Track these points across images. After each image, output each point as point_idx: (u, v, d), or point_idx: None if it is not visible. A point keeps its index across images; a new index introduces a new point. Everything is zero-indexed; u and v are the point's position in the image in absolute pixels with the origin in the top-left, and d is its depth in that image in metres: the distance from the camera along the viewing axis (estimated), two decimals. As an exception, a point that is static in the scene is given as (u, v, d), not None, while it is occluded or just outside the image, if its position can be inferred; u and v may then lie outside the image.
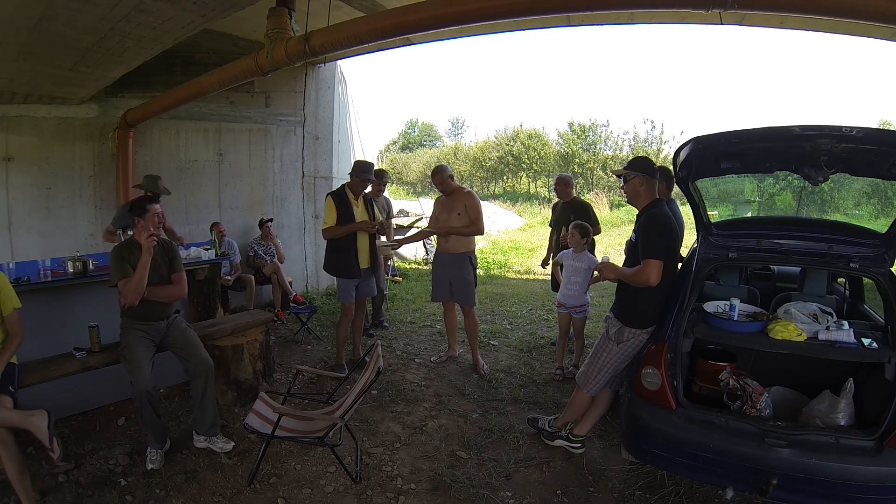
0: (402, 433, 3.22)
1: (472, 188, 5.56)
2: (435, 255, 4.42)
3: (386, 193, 5.69)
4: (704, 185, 3.09)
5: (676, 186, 2.96)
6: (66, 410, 3.19)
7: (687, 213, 3.75)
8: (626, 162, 2.99)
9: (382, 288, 5.39)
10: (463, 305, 4.27)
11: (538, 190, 21.45)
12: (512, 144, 21.80)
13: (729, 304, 2.58)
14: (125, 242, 2.97)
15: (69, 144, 5.38)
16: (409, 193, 21.91)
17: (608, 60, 76.45)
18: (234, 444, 2.95)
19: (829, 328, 2.38)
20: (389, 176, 5.37)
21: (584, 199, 5.05)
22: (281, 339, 5.02)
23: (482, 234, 4.45)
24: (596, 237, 4.85)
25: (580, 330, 4.16)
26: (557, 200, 5.03)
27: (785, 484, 2.07)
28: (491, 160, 22.06)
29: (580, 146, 20.00)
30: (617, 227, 13.30)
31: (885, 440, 2.03)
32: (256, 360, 3.65)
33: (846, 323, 2.39)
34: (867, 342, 2.29)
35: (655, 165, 2.79)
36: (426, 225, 10.14)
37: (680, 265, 2.92)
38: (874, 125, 9.35)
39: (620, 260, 2.95)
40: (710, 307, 2.68)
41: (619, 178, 2.80)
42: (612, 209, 15.91)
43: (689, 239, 3.94)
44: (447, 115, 72.51)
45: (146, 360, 2.76)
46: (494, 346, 4.90)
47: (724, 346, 2.79)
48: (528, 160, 21.09)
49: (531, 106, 64.99)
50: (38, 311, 3.18)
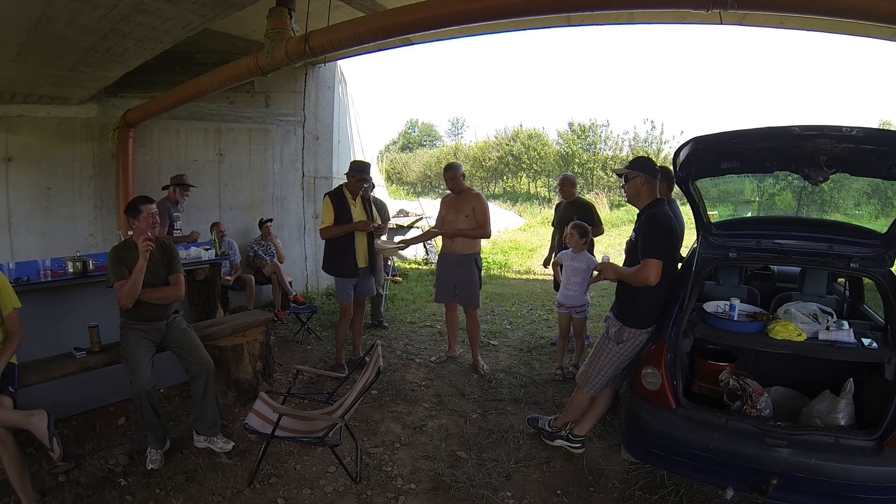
0: (402, 433, 3.23)
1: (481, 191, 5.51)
2: (440, 255, 4.37)
3: (385, 195, 5.68)
4: (704, 185, 3.09)
5: (676, 186, 2.96)
6: (66, 410, 3.19)
7: (687, 213, 3.75)
8: (626, 162, 2.99)
9: (381, 288, 5.38)
10: (467, 307, 4.25)
11: (538, 190, 21.45)
12: (512, 144, 21.80)
13: (729, 304, 2.58)
14: (123, 243, 2.96)
15: (69, 144, 5.38)
16: (409, 193, 21.91)
17: (608, 60, 76.59)
18: (234, 444, 2.95)
19: (829, 328, 2.38)
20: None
21: (586, 199, 5.03)
22: (281, 339, 5.02)
23: (489, 237, 4.42)
24: (596, 237, 4.85)
25: (580, 330, 4.16)
26: (561, 200, 5.03)
27: (785, 484, 2.07)
28: (491, 160, 22.05)
29: (580, 146, 19.99)
30: (617, 227, 13.29)
31: (885, 440, 2.03)
32: (256, 360, 3.65)
33: (846, 323, 2.39)
34: (867, 342, 2.29)
35: (656, 165, 2.80)
36: (426, 225, 10.23)
37: (680, 265, 2.92)
38: (874, 125, 9.35)
39: (620, 260, 2.95)
40: (710, 307, 2.68)
41: (619, 177, 2.80)
42: (612, 209, 15.90)
43: (689, 239, 3.94)
44: (447, 115, 72.62)
45: (146, 360, 2.76)
46: (494, 346, 4.90)
47: (724, 346, 2.79)
48: (528, 160, 21.09)
49: (531, 106, 65.10)
50: (38, 311, 3.17)
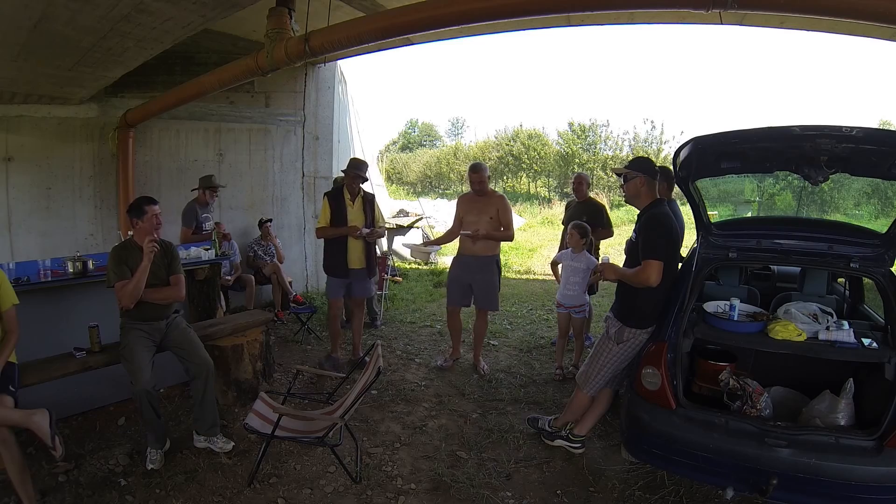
0: (402, 433, 3.23)
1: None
2: (457, 257, 4.15)
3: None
4: (704, 185, 3.09)
5: (676, 186, 2.96)
6: (66, 410, 3.18)
7: (687, 213, 3.75)
8: (626, 161, 2.98)
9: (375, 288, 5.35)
10: (485, 309, 4.14)
11: (538, 190, 21.47)
12: (512, 144, 21.83)
13: (729, 304, 2.58)
14: (124, 244, 2.96)
15: (69, 144, 5.38)
16: (409, 193, 21.93)
17: (608, 60, 76.50)
18: (234, 444, 2.95)
19: (829, 328, 2.38)
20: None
21: (597, 200, 5.01)
22: (281, 339, 5.02)
23: (512, 240, 4.30)
24: (604, 240, 4.82)
25: (580, 330, 4.16)
26: (572, 199, 5.04)
27: (785, 484, 2.07)
28: (491, 160, 22.06)
29: (580, 146, 20.02)
30: (617, 227, 13.15)
31: (885, 440, 2.04)
32: (256, 360, 3.65)
33: (846, 323, 2.39)
34: (867, 342, 2.29)
35: (656, 165, 2.80)
36: (426, 225, 10.23)
37: (680, 265, 2.92)
38: (874, 125, 9.36)
39: (620, 260, 2.96)
40: (710, 307, 2.68)
41: (619, 177, 2.79)
42: (612, 209, 15.88)
43: (689, 239, 3.94)
44: (447, 115, 72.52)
45: (146, 360, 2.76)
46: (494, 346, 4.90)
47: (724, 346, 2.79)
48: (528, 160, 21.11)
49: (531, 106, 65.00)
50: (38, 311, 3.17)
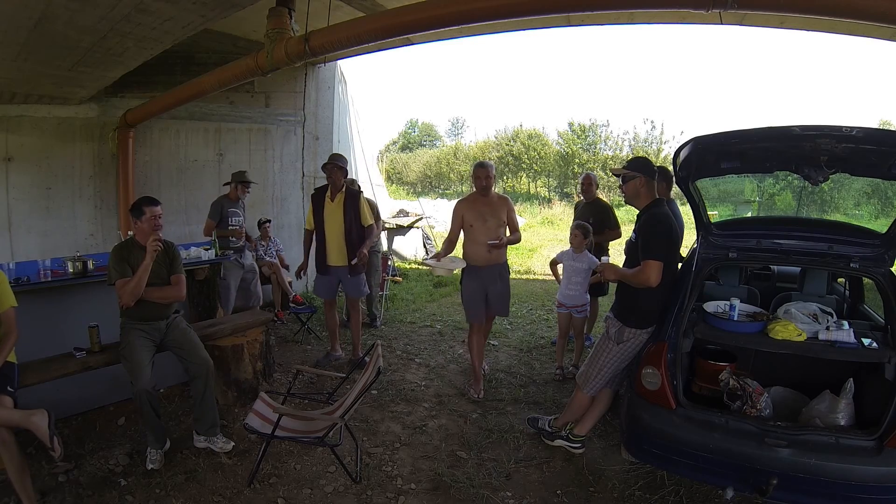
0: (402, 433, 3.23)
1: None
2: (471, 269, 3.70)
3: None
4: (704, 185, 3.09)
5: (676, 186, 2.96)
6: (66, 410, 3.18)
7: (687, 213, 3.75)
8: (624, 162, 2.98)
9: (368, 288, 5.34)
10: (497, 315, 3.98)
11: (538, 190, 21.49)
12: (512, 144, 21.85)
13: (729, 304, 2.58)
14: (125, 242, 2.97)
15: (69, 144, 5.37)
16: (409, 193, 21.94)
17: (608, 60, 76.52)
18: (234, 444, 2.95)
19: (829, 328, 2.38)
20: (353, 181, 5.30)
21: (605, 201, 4.99)
22: (281, 339, 5.02)
23: (520, 241, 4.07)
24: (612, 241, 4.79)
25: (580, 330, 4.16)
26: (580, 199, 5.04)
27: (785, 484, 2.07)
28: (491, 160, 21.98)
29: (580, 146, 20.04)
30: (617, 227, 13.26)
31: (885, 440, 2.04)
32: (256, 360, 3.65)
33: (846, 323, 2.39)
34: (867, 342, 2.29)
35: (654, 165, 2.79)
36: (426, 225, 10.21)
37: (680, 265, 2.92)
38: (874, 125, 9.36)
39: (620, 260, 2.95)
40: (710, 307, 2.67)
41: (617, 177, 2.78)
42: (612, 209, 15.89)
43: (689, 239, 3.94)
44: (447, 115, 72.58)
45: (146, 360, 2.76)
46: (494, 346, 4.90)
47: (724, 346, 2.79)
48: (528, 160, 21.14)
49: (531, 106, 65.05)
50: (38, 311, 3.18)
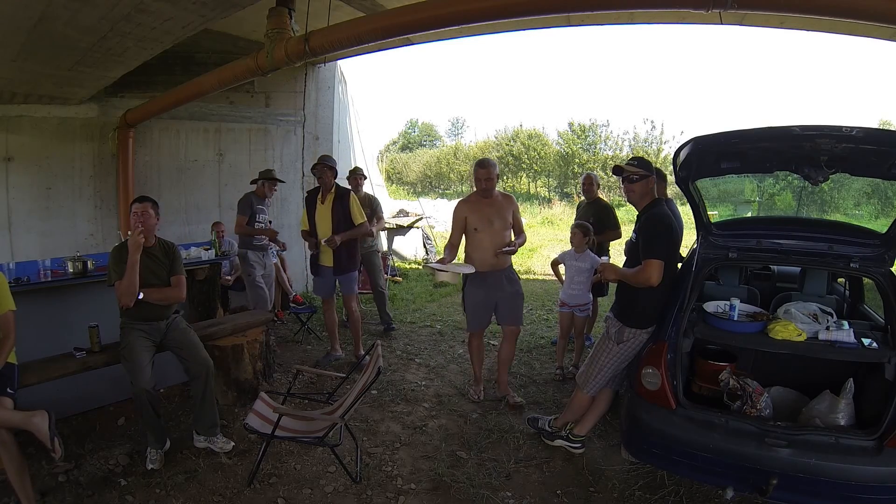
0: (402, 433, 3.23)
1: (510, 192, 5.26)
2: (475, 277, 3.53)
3: (385, 195, 5.66)
4: (704, 185, 3.09)
5: (676, 186, 2.95)
6: (65, 410, 3.18)
7: (687, 213, 3.75)
8: (625, 160, 2.96)
9: (381, 288, 5.36)
10: (512, 326, 3.65)
11: (538, 190, 21.50)
12: (512, 144, 21.85)
13: (729, 304, 2.58)
14: (124, 243, 2.96)
15: (69, 144, 5.38)
16: (409, 193, 21.93)
17: (608, 60, 76.44)
18: (234, 444, 2.95)
19: (829, 328, 2.38)
20: (363, 172, 5.34)
21: (606, 200, 5.00)
22: (281, 339, 5.02)
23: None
24: (612, 241, 4.79)
25: (581, 329, 4.16)
26: (582, 199, 5.05)
27: (785, 484, 2.07)
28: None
29: (580, 146, 20.06)
30: (617, 227, 13.25)
31: (885, 440, 2.03)
32: (256, 360, 3.65)
33: (846, 323, 2.39)
34: (867, 342, 2.29)
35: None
36: (426, 225, 10.21)
37: (680, 265, 2.92)
38: (874, 125, 9.36)
39: (620, 260, 2.95)
40: (710, 307, 2.67)
41: (619, 175, 2.74)
42: (611, 209, 15.89)
43: (689, 239, 3.93)
44: (447, 115, 72.52)
45: (146, 360, 2.76)
46: (494, 346, 4.90)
47: (724, 346, 2.79)
48: (528, 160, 21.15)
49: (531, 106, 64.96)
50: (38, 311, 3.17)
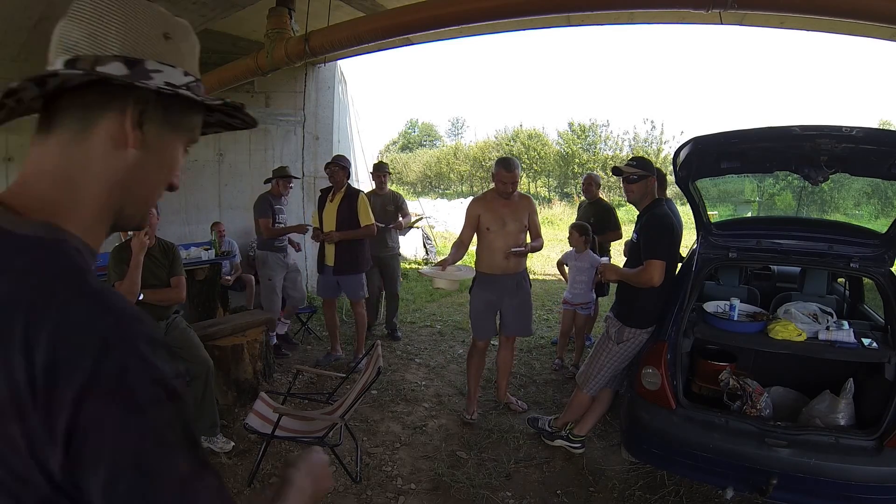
0: (402, 433, 3.23)
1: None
2: (482, 279, 3.34)
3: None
4: (704, 185, 3.09)
5: (676, 186, 2.95)
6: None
7: (687, 212, 3.75)
8: (625, 161, 2.96)
9: (394, 293, 5.33)
10: (519, 336, 3.49)
11: (538, 190, 21.50)
12: (512, 144, 21.88)
13: (729, 304, 2.58)
14: (125, 243, 2.96)
15: (69, 144, 5.38)
16: (409, 193, 21.93)
17: (608, 60, 76.64)
18: (234, 444, 2.95)
19: (829, 328, 2.38)
20: (388, 168, 5.38)
21: (607, 200, 5.00)
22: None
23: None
24: (613, 242, 4.79)
25: (582, 327, 4.16)
26: (583, 199, 5.05)
27: (785, 484, 2.07)
28: (491, 160, 22.09)
29: (580, 146, 20.07)
30: (617, 227, 13.26)
31: (885, 440, 2.04)
32: (256, 360, 3.65)
33: (846, 323, 2.39)
34: (867, 342, 2.29)
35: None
36: (426, 224, 10.19)
37: (680, 265, 2.92)
38: (874, 125, 9.36)
39: (620, 261, 2.95)
40: (710, 307, 2.67)
41: (619, 175, 2.73)
42: (611, 209, 15.89)
43: (689, 239, 3.93)
44: (447, 115, 72.78)
45: (146, 360, 2.75)
46: (494, 346, 4.89)
47: (724, 346, 2.79)
48: (528, 160, 21.14)
49: (531, 106, 65.20)
50: (37, 311, 3.17)
